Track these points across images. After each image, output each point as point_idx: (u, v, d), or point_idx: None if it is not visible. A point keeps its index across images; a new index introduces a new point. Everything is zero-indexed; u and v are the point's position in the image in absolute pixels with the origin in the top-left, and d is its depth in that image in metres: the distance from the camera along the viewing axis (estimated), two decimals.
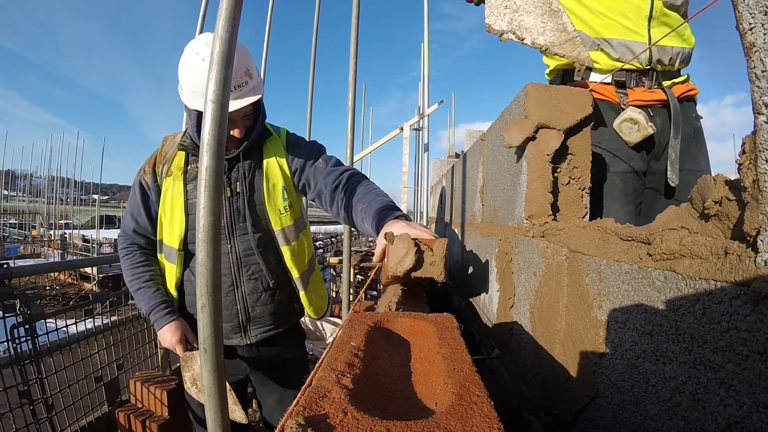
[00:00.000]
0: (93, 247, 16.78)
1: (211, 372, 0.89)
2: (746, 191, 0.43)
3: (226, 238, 1.26)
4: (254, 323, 1.32)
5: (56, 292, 12.74)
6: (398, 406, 0.49)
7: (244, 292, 1.30)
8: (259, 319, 1.33)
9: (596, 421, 0.74)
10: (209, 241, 0.87)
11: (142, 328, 2.61)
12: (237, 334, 1.32)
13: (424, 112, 7.15)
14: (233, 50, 0.86)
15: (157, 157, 1.32)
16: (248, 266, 1.29)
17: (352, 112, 2.42)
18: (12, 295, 1.79)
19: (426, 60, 7.50)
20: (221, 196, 0.94)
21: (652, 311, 0.58)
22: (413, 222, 0.98)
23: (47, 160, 27.27)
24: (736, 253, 0.44)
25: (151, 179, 1.30)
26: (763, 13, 0.40)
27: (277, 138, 1.33)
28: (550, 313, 0.99)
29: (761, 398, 0.39)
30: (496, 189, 1.65)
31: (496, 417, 0.39)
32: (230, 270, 1.27)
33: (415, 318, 0.74)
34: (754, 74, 0.41)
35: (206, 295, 0.87)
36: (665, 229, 0.58)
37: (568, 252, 0.89)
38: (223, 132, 0.87)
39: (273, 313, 1.34)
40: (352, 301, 2.77)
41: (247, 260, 1.29)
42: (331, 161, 1.32)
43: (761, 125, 0.41)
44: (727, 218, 0.47)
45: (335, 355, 0.54)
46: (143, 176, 1.31)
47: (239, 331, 1.32)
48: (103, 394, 2.19)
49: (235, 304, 1.29)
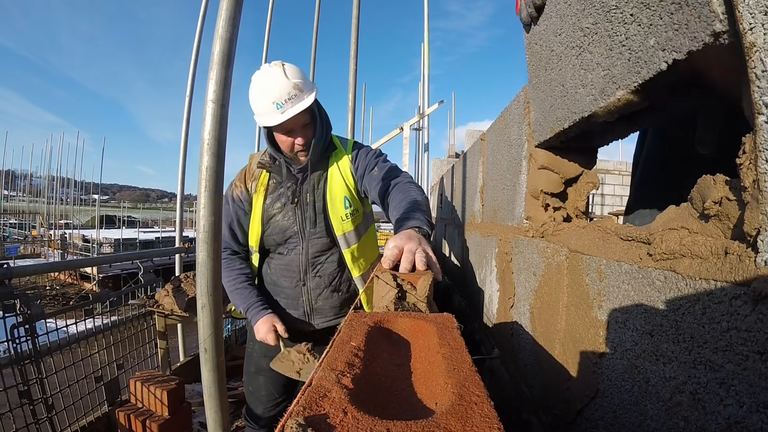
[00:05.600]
0: (93, 247, 16.79)
1: (211, 372, 0.89)
2: (746, 191, 0.43)
3: (299, 242, 1.43)
4: (317, 313, 1.49)
5: (56, 292, 12.75)
6: (398, 405, 0.49)
7: (309, 287, 1.46)
8: (321, 310, 1.49)
9: (596, 421, 0.74)
10: (209, 241, 0.87)
11: (142, 328, 2.61)
12: (303, 321, 1.50)
13: (424, 112, 7.15)
14: (233, 50, 0.86)
15: (246, 174, 1.50)
16: (315, 266, 1.46)
17: (352, 112, 2.43)
18: (12, 295, 1.79)
19: (426, 60, 7.50)
20: (221, 195, 0.95)
21: (652, 311, 0.58)
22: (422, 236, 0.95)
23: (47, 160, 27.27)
24: (736, 253, 0.44)
25: (244, 193, 1.48)
26: (763, 13, 0.40)
27: (342, 150, 1.47)
28: (550, 313, 0.99)
29: (761, 398, 0.39)
30: (496, 189, 1.65)
31: (496, 417, 0.39)
32: (299, 268, 1.45)
33: (415, 318, 0.74)
34: (754, 74, 0.41)
35: (206, 295, 0.87)
36: (665, 229, 0.58)
37: (568, 252, 0.89)
38: (224, 132, 0.87)
39: (333, 306, 1.50)
40: None
41: (314, 261, 1.45)
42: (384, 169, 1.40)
43: (761, 125, 0.41)
44: (727, 218, 0.47)
45: (335, 355, 0.54)
46: (234, 190, 1.49)
47: (304, 318, 1.49)
48: (103, 394, 2.18)
49: (301, 296, 1.47)
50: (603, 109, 0.76)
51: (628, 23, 0.66)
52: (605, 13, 0.72)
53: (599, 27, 0.75)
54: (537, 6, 1.04)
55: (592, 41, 0.78)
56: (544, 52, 1.04)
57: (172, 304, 2.39)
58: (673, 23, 0.56)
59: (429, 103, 7.45)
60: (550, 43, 0.99)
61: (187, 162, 3.44)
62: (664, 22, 0.57)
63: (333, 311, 1.50)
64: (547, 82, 1.03)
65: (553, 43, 0.97)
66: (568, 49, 0.89)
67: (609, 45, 0.72)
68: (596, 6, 0.75)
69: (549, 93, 1.02)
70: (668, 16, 0.56)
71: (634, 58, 0.65)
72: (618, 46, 0.69)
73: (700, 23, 0.49)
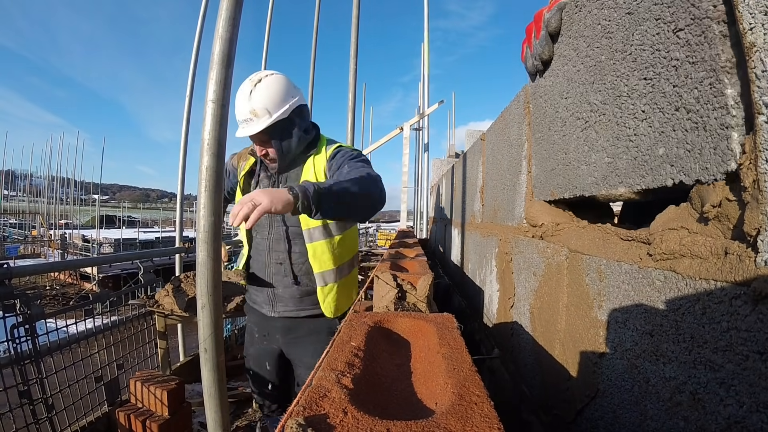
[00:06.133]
0: (93, 247, 16.79)
1: (211, 372, 0.89)
2: (746, 191, 0.43)
3: (268, 227, 1.52)
4: (278, 300, 1.55)
5: (56, 292, 12.75)
6: (398, 405, 0.49)
7: (271, 272, 1.54)
8: (282, 298, 1.55)
9: (596, 421, 0.74)
10: (209, 241, 0.87)
11: (142, 328, 2.61)
12: (267, 305, 1.58)
13: (424, 111, 7.16)
14: (233, 50, 0.86)
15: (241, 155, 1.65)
16: (277, 252, 1.52)
17: (352, 112, 2.43)
18: (12, 295, 1.79)
19: (426, 60, 7.51)
20: (221, 195, 0.95)
21: (652, 311, 0.58)
22: (291, 195, 1.01)
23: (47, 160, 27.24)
24: (736, 253, 0.44)
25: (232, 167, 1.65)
26: (763, 13, 0.40)
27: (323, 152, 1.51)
28: (550, 313, 0.99)
29: (761, 398, 0.39)
30: (496, 189, 1.65)
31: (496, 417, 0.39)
32: (265, 253, 1.54)
33: (415, 318, 0.75)
34: (754, 74, 0.41)
35: (206, 295, 0.87)
36: (665, 229, 0.58)
37: (568, 252, 0.89)
38: (224, 132, 0.87)
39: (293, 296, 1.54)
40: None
41: (276, 247, 1.52)
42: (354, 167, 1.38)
43: (761, 125, 0.41)
44: (726, 219, 0.47)
45: (335, 355, 0.54)
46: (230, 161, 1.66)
47: (268, 303, 1.57)
48: (103, 394, 2.18)
49: (266, 280, 1.55)
50: (604, 197, 0.73)
51: (639, 119, 0.62)
52: (615, 98, 0.68)
53: (607, 109, 0.71)
54: (544, 60, 1.00)
55: (598, 120, 0.75)
56: (548, 110, 1.01)
57: (172, 304, 2.39)
58: (686, 142, 0.52)
59: (429, 103, 7.45)
60: (555, 103, 0.96)
61: (187, 162, 3.44)
62: (677, 137, 0.53)
63: (293, 302, 1.53)
64: (550, 142, 1.00)
65: (559, 105, 0.93)
66: (573, 118, 0.86)
67: (616, 133, 0.68)
68: (606, 85, 0.71)
69: (551, 153, 1.00)
70: (682, 132, 0.52)
71: (641, 160, 0.61)
72: (625, 139, 0.65)
73: (715, 156, 0.46)
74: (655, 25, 0.57)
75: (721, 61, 0.45)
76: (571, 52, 0.86)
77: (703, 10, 0.47)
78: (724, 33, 0.45)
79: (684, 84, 0.52)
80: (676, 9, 0.52)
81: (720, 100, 0.46)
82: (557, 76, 0.94)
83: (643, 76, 0.60)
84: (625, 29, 0.65)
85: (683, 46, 0.51)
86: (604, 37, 0.71)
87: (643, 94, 0.61)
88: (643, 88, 0.61)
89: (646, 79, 0.60)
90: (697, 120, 0.49)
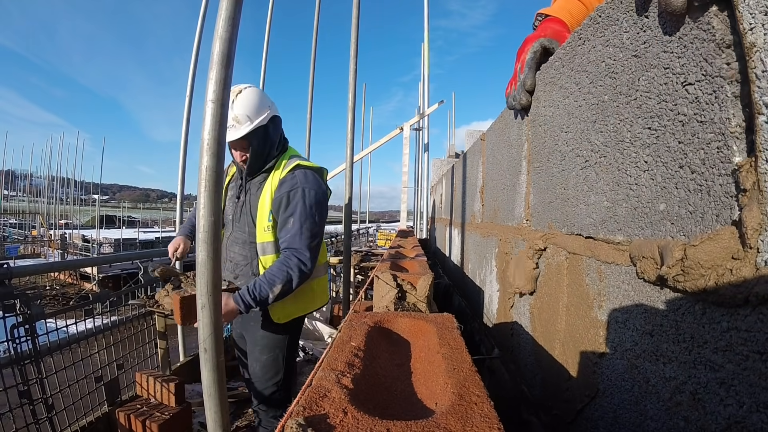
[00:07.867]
0: (93, 247, 16.79)
1: (210, 372, 0.89)
2: (746, 192, 0.43)
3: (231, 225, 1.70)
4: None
5: (56, 292, 12.74)
6: (398, 405, 0.49)
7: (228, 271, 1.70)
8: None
9: (596, 421, 0.74)
10: (209, 241, 0.87)
11: (142, 328, 2.61)
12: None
13: (424, 112, 7.16)
14: (233, 50, 0.86)
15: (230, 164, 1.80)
16: (229, 254, 1.70)
17: (352, 112, 2.42)
18: (12, 295, 1.79)
19: (426, 60, 7.51)
20: (221, 195, 0.95)
21: (652, 311, 0.58)
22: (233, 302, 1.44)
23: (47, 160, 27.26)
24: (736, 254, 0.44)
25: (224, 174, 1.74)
26: (763, 13, 0.40)
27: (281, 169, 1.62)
28: (550, 313, 0.99)
29: (761, 398, 0.39)
30: (496, 189, 1.65)
31: (496, 417, 0.39)
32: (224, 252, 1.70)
33: (416, 318, 0.75)
34: (754, 74, 0.41)
35: (206, 295, 0.87)
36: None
37: (567, 252, 0.89)
38: (223, 132, 0.87)
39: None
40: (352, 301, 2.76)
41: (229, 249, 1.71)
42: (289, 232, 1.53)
43: (761, 125, 0.41)
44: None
45: (335, 355, 0.54)
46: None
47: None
48: (103, 394, 2.18)
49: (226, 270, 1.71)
50: (603, 240, 0.72)
51: (641, 169, 0.59)
52: (617, 142, 0.66)
53: (609, 152, 0.69)
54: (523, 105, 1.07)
55: (599, 162, 0.73)
56: (548, 141, 1.00)
57: (172, 304, 2.39)
58: (688, 203, 0.49)
59: (429, 103, 7.45)
60: (555, 136, 0.94)
61: (187, 162, 3.45)
62: (679, 196, 0.51)
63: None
64: (549, 174, 0.99)
65: (559, 139, 0.92)
66: (573, 155, 0.84)
67: (616, 179, 0.66)
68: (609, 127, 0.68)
69: (550, 185, 0.99)
70: (685, 192, 0.50)
71: (641, 211, 0.60)
72: (625, 186, 0.63)
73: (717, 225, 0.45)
74: (663, 74, 0.54)
75: (731, 125, 0.43)
76: (572, 86, 0.84)
77: (716, 67, 0.45)
78: (736, 94, 0.43)
79: (690, 142, 0.49)
80: (686, 61, 0.49)
81: (726, 167, 0.44)
82: (557, 107, 0.93)
83: (648, 125, 0.58)
84: (631, 72, 0.62)
85: (692, 102, 0.49)
86: (608, 76, 0.69)
87: (646, 144, 0.58)
88: (647, 138, 0.58)
89: (650, 129, 0.57)
90: (702, 183, 0.47)
